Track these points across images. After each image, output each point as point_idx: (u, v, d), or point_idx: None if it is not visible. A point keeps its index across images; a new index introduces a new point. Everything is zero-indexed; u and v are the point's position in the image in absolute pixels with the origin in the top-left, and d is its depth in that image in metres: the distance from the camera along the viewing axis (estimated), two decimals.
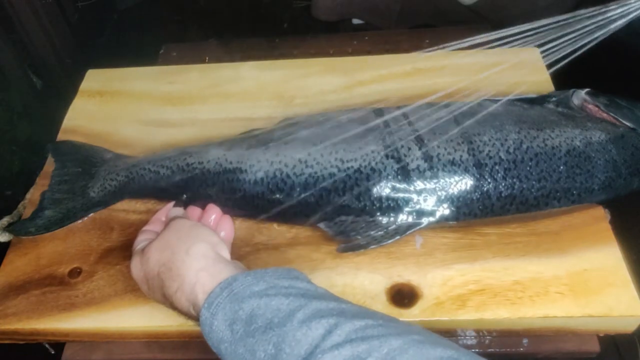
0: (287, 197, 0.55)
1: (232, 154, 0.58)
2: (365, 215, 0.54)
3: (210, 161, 0.58)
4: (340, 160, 0.55)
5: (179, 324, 0.51)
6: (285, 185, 0.55)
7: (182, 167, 0.58)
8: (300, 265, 0.54)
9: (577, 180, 0.54)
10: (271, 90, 0.72)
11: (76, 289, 0.54)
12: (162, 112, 0.71)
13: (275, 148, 0.57)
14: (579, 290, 0.50)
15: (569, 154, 0.54)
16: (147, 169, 0.59)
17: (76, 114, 0.72)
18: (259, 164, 0.56)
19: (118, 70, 0.78)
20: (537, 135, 0.55)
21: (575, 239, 0.54)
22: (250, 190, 0.56)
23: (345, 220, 0.54)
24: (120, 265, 0.56)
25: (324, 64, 0.75)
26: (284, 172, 0.55)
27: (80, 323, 0.52)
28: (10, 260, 0.57)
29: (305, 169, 0.55)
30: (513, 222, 0.55)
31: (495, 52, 0.75)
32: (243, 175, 0.56)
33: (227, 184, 0.56)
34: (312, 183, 0.54)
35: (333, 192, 0.54)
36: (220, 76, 0.75)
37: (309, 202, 0.54)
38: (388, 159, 0.54)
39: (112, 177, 0.60)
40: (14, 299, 0.54)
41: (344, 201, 0.54)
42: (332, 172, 0.54)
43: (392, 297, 0.51)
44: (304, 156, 0.55)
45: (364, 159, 0.54)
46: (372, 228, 0.53)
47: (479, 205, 0.53)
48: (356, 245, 0.53)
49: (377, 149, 0.55)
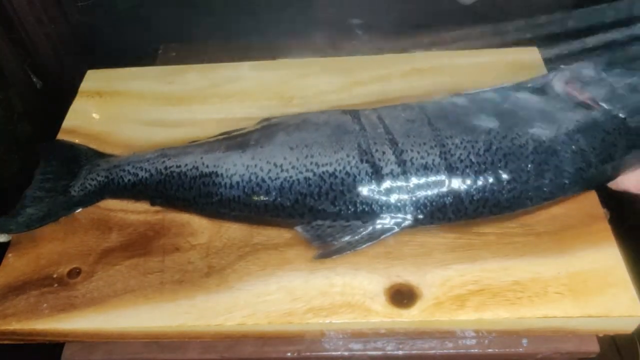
0: (262, 201, 0.55)
1: (209, 158, 0.58)
2: (341, 219, 0.54)
3: (187, 164, 0.58)
4: (315, 164, 0.55)
5: (179, 324, 0.51)
6: (260, 189, 0.55)
7: (160, 170, 0.59)
8: (300, 265, 0.54)
9: (546, 177, 0.53)
10: (271, 90, 0.72)
11: (75, 290, 0.54)
12: (162, 112, 0.71)
13: (251, 152, 0.57)
14: (579, 290, 0.50)
15: (536, 150, 0.53)
16: (126, 170, 0.60)
17: (76, 114, 0.72)
18: (235, 168, 0.56)
19: (118, 70, 0.78)
20: (506, 134, 0.54)
21: (575, 239, 0.54)
22: (226, 194, 0.56)
23: (322, 224, 0.54)
24: (120, 266, 0.56)
25: (324, 64, 0.75)
26: (259, 176, 0.55)
27: (80, 323, 0.52)
28: (9, 260, 0.57)
29: (281, 173, 0.55)
30: (512, 222, 0.55)
31: (495, 52, 0.75)
32: (219, 179, 0.56)
33: (204, 188, 0.57)
34: (288, 187, 0.54)
35: (308, 197, 0.54)
36: (220, 76, 0.75)
37: (285, 206, 0.55)
38: (362, 163, 0.54)
39: (93, 176, 0.61)
40: (13, 300, 0.54)
41: (319, 205, 0.54)
42: (307, 177, 0.54)
43: (391, 297, 0.51)
44: (280, 160, 0.56)
45: (338, 163, 0.54)
46: (347, 233, 0.53)
47: (452, 209, 0.53)
48: (332, 250, 0.53)
49: (351, 153, 0.55)
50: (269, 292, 0.53)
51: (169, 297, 0.53)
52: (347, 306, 0.51)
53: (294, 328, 0.52)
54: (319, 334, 0.53)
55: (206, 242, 0.57)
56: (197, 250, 0.56)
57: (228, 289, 0.53)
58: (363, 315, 0.51)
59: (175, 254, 0.56)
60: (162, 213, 0.60)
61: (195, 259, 0.56)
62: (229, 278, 0.54)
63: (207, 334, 0.53)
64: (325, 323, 0.51)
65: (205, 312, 0.52)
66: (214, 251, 0.56)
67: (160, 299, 0.53)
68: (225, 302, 0.52)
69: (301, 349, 0.53)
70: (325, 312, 0.51)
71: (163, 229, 0.59)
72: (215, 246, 0.57)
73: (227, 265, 0.55)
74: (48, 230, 0.59)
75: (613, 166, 0.54)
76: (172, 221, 0.59)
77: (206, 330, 0.52)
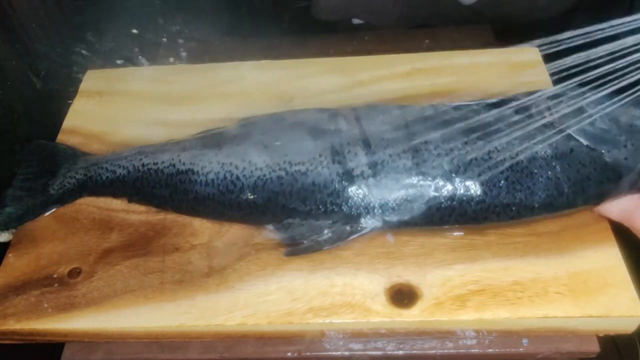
0: (236, 199, 0.55)
1: (186, 155, 0.58)
2: (311, 219, 0.54)
3: (164, 162, 0.59)
4: (288, 163, 0.55)
5: (179, 324, 0.51)
6: (235, 187, 0.55)
7: (137, 168, 0.59)
8: (300, 265, 0.54)
9: (516, 196, 0.53)
10: (271, 91, 0.72)
11: (75, 290, 0.54)
12: (162, 112, 0.71)
13: (227, 149, 0.57)
14: (579, 290, 0.50)
15: (512, 169, 0.53)
16: (104, 167, 0.61)
17: (76, 114, 0.72)
18: (210, 166, 0.57)
19: (118, 70, 0.78)
20: (484, 147, 0.54)
21: (575, 239, 0.54)
22: (201, 192, 0.56)
23: (292, 223, 0.55)
24: (120, 266, 0.56)
25: (324, 64, 0.75)
26: (234, 174, 0.56)
27: (80, 323, 0.52)
28: (10, 260, 0.57)
29: (255, 171, 0.55)
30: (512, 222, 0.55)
31: (495, 52, 0.75)
32: (195, 176, 0.57)
33: (180, 185, 0.57)
34: (261, 185, 0.55)
35: (280, 195, 0.54)
36: (220, 76, 0.75)
37: (258, 204, 0.55)
38: (334, 163, 0.54)
39: (72, 174, 0.62)
40: (13, 300, 0.54)
41: (290, 204, 0.54)
42: (280, 175, 0.55)
43: (391, 297, 0.51)
44: (254, 158, 0.56)
45: (311, 163, 0.55)
46: (317, 232, 0.54)
47: (420, 214, 0.53)
48: (300, 249, 0.54)
49: (324, 153, 0.55)
50: (269, 292, 0.53)
51: (169, 297, 0.53)
52: (348, 306, 0.51)
53: (294, 328, 0.52)
54: (319, 334, 0.53)
55: (206, 242, 0.57)
56: (198, 250, 0.56)
57: (228, 288, 0.53)
58: (363, 315, 0.51)
59: (176, 254, 0.56)
60: (164, 213, 0.60)
61: (195, 259, 0.56)
62: (229, 278, 0.54)
63: (207, 333, 0.53)
64: (325, 323, 0.51)
65: (205, 312, 0.52)
66: (214, 251, 0.56)
67: (161, 298, 0.53)
68: (226, 302, 0.52)
69: (301, 349, 0.53)
70: (326, 312, 0.51)
71: (164, 229, 0.59)
72: (216, 246, 0.57)
73: (227, 265, 0.55)
74: (48, 230, 0.60)
75: (584, 199, 0.54)
76: (174, 221, 0.59)
77: (206, 330, 0.52)
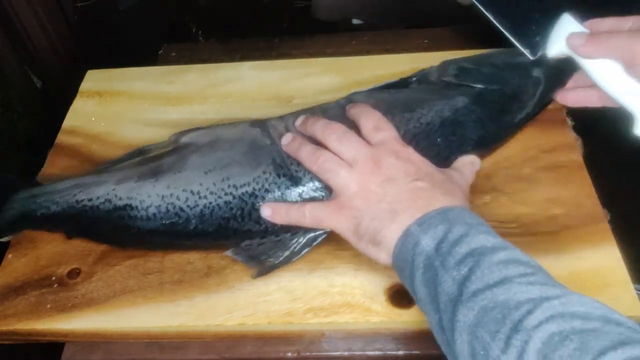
0: (183, 230, 0.53)
1: (122, 189, 0.55)
2: (270, 235, 0.53)
3: (99, 197, 0.55)
4: (233, 186, 0.53)
5: (179, 324, 0.51)
6: (180, 219, 0.53)
7: (72, 204, 0.56)
8: (300, 265, 0.54)
9: (453, 147, 0.55)
10: (270, 91, 0.72)
11: (75, 290, 0.54)
12: (162, 112, 0.71)
13: (165, 179, 0.55)
14: (579, 290, 0.50)
15: (443, 124, 0.55)
16: (38, 203, 0.57)
17: (76, 114, 0.72)
18: (150, 199, 0.54)
19: (118, 70, 0.78)
20: (412, 116, 0.55)
21: (575, 238, 0.54)
22: (144, 227, 0.54)
23: (251, 244, 0.53)
24: (119, 266, 0.56)
25: (323, 64, 0.75)
26: (177, 205, 0.53)
27: (80, 324, 0.52)
28: (9, 261, 0.57)
29: (199, 200, 0.53)
30: (512, 222, 0.55)
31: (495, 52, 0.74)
32: (134, 212, 0.54)
33: (119, 221, 0.54)
34: (209, 214, 0.53)
35: (232, 220, 0.53)
36: (220, 76, 0.75)
37: (209, 232, 0.53)
38: (280, 177, 0.53)
39: (12, 206, 0.58)
40: (13, 300, 0.54)
41: (244, 227, 0.53)
42: (228, 200, 0.53)
43: (390, 297, 0.51)
44: (196, 187, 0.54)
45: (256, 182, 0.53)
46: (280, 247, 0.53)
47: None
48: (268, 266, 0.53)
49: (267, 169, 0.53)
50: (269, 292, 0.53)
51: (169, 297, 0.53)
52: (347, 306, 0.51)
53: (293, 328, 0.52)
54: (319, 334, 0.53)
55: None
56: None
57: (228, 289, 0.53)
58: (363, 315, 0.51)
59: (175, 254, 0.56)
60: None
61: (194, 259, 0.56)
62: (228, 278, 0.54)
63: (207, 334, 0.53)
64: (325, 323, 0.51)
65: (205, 312, 0.52)
66: (214, 251, 0.56)
67: (160, 299, 0.53)
68: (225, 302, 0.52)
69: (301, 349, 0.53)
70: (325, 312, 0.51)
71: None
72: None
73: (226, 265, 0.55)
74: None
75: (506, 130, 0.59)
76: None
77: (206, 330, 0.52)
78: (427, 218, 0.44)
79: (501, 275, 0.38)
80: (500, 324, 0.35)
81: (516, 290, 0.37)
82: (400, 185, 0.47)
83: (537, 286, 0.37)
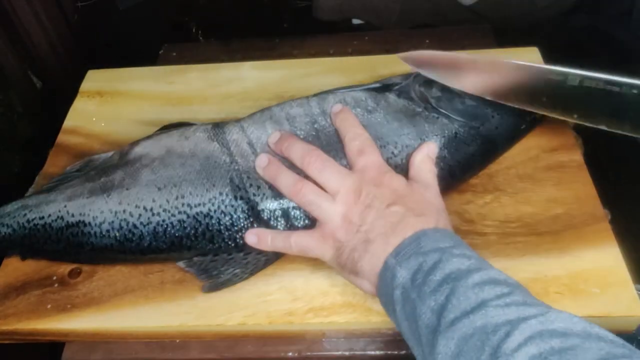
0: (137, 246, 0.53)
1: (73, 205, 0.55)
2: (222, 254, 0.53)
3: (51, 215, 0.55)
4: (187, 205, 0.53)
5: (180, 323, 0.51)
6: (133, 235, 0.53)
7: (22, 225, 0.55)
8: (301, 265, 0.54)
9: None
10: (271, 91, 0.72)
11: (76, 290, 0.54)
12: (162, 112, 0.71)
13: (117, 195, 0.54)
14: (579, 290, 0.50)
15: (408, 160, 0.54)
16: None
17: (76, 114, 0.72)
18: (102, 215, 0.54)
19: (118, 70, 0.78)
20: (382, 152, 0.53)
21: (575, 238, 0.54)
22: (98, 243, 0.54)
23: (204, 260, 0.53)
24: (120, 265, 0.56)
25: (324, 64, 0.75)
26: (130, 222, 0.53)
27: (80, 323, 0.52)
28: (10, 260, 0.57)
29: (152, 217, 0.53)
30: (514, 222, 0.55)
31: (495, 52, 0.75)
32: (87, 228, 0.54)
33: (73, 239, 0.54)
34: (162, 231, 0.53)
35: (185, 238, 0.53)
36: (220, 76, 0.75)
37: (162, 249, 0.53)
38: (237, 200, 0.52)
39: None
40: (13, 300, 0.54)
41: (197, 245, 0.53)
42: (181, 219, 0.52)
43: None
44: (149, 203, 0.53)
45: (212, 203, 0.52)
46: (232, 265, 0.53)
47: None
48: (219, 283, 0.52)
49: (224, 191, 0.53)
50: (270, 292, 0.53)
51: (170, 296, 0.53)
52: (348, 306, 0.51)
53: (294, 328, 0.52)
54: (320, 333, 0.53)
55: None
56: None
57: (228, 288, 0.53)
58: (364, 315, 0.51)
59: None
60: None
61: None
62: None
63: (208, 333, 0.53)
64: (326, 323, 0.51)
65: (205, 311, 0.52)
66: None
67: (161, 298, 0.53)
68: (226, 302, 0.52)
69: (302, 348, 0.53)
70: (326, 312, 0.51)
71: None
72: None
73: None
74: None
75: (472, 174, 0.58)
76: None
77: (207, 330, 0.52)
78: (402, 247, 0.44)
79: (477, 299, 0.38)
80: (479, 350, 0.35)
81: (493, 314, 0.36)
82: (376, 213, 0.47)
83: (513, 307, 0.37)
